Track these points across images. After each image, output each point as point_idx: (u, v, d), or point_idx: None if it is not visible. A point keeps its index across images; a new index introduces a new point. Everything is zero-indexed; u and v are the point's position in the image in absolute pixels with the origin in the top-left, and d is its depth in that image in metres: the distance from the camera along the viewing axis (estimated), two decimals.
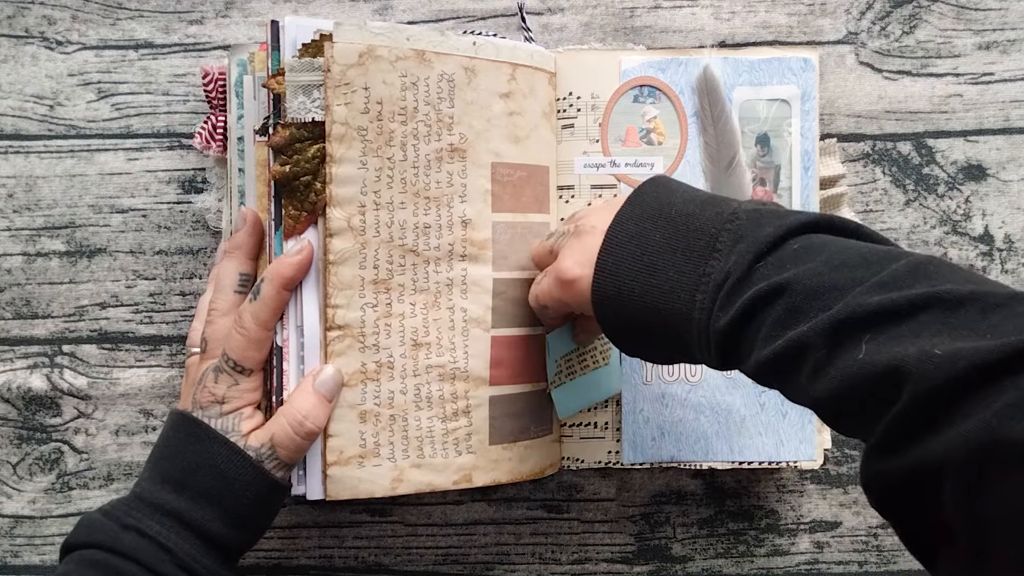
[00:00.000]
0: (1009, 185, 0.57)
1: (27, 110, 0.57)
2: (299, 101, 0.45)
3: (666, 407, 0.54)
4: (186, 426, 0.44)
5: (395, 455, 0.48)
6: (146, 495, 0.43)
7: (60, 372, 0.57)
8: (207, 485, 0.43)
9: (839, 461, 0.57)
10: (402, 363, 0.48)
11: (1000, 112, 0.56)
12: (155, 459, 0.45)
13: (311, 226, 0.46)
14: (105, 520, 0.42)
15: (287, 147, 0.45)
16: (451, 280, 0.48)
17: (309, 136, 0.46)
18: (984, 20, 0.56)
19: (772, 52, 0.54)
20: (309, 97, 0.45)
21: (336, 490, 0.46)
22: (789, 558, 0.57)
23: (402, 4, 0.57)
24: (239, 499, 0.43)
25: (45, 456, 0.57)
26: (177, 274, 0.57)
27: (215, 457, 0.43)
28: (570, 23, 0.57)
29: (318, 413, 0.44)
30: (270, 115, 0.46)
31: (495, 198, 0.49)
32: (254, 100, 0.49)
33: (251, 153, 0.49)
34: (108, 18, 0.57)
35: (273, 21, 0.46)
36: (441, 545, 0.58)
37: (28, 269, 0.57)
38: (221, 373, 0.45)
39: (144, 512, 0.42)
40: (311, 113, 0.45)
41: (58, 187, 0.57)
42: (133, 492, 0.44)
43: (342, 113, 0.45)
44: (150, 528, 0.42)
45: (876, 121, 0.57)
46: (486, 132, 0.49)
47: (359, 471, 0.47)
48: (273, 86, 0.46)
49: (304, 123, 0.45)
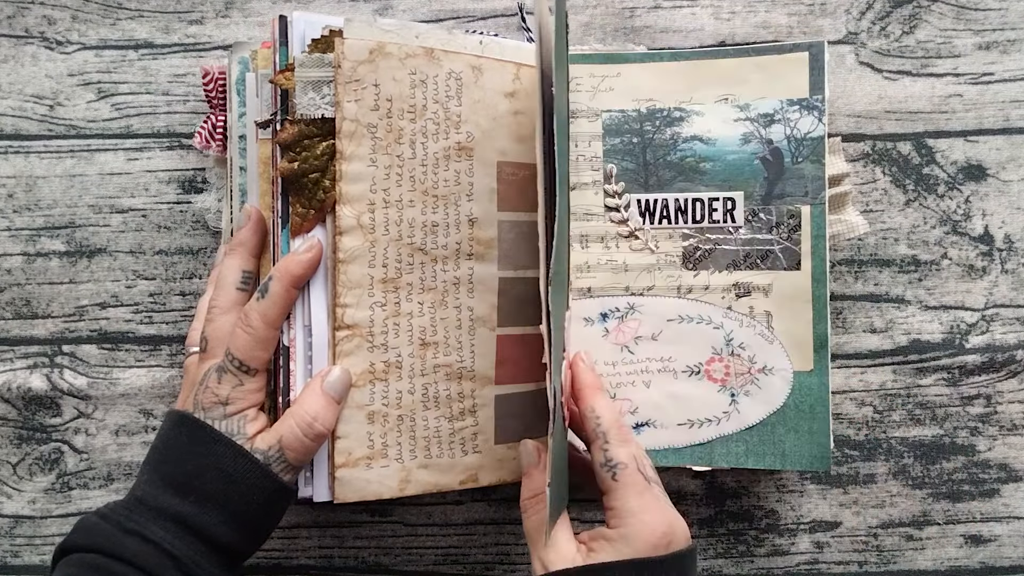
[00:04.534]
0: (1009, 185, 0.57)
1: (27, 110, 0.57)
2: (308, 97, 0.45)
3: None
4: (188, 428, 0.43)
5: (403, 456, 0.48)
6: (148, 499, 0.42)
7: (60, 372, 0.57)
8: (213, 488, 0.41)
9: (839, 461, 0.57)
10: (410, 363, 0.47)
11: (1000, 112, 0.57)
12: (155, 462, 0.43)
13: (318, 224, 0.46)
14: (104, 524, 0.41)
15: (295, 144, 0.45)
16: (458, 279, 0.48)
17: (318, 133, 0.45)
18: (984, 20, 0.56)
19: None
20: (319, 93, 0.45)
21: (344, 492, 0.46)
22: (789, 558, 0.57)
23: (402, 4, 0.57)
24: (246, 503, 0.42)
25: (45, 456, 0.57)
26: (177, 274, 0.57)
27: (221, 460, 0.42)
28: (570, 23, 0.57)
29: (327, 415, 0.44)
30: (277, 111, 0.46)
31: (500, 197, 0.49)
32: (256, 97, 0.48)
33: (253, 151, 0.48)
34: (108, 18, 0.57)
35: (281, 16, 0.46)
36: (441, 545, 0.58)
37: (28, 269, 0.57)
38: (225, 373, 0.43)
39: (146, 516, 0.41)
40: (320, 109, 0.45)
41: (58, 187, 0.57)
42: (132, 496, 0.42)
43: (352, 110, 0.45)
44: (153, 533, 0.40)
45: (876, 121, 0.57)
46: (492, 131, 0.49)
47: (367, 472, 0.47)
48: (281, 82, 0.45)
49: (313, 119, 0.45)
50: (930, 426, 0.57)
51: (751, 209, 0.52)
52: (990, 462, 0.57)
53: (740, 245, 0.52)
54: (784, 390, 0.52)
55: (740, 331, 0.52)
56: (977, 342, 0.57)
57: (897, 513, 0.57)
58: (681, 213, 0.53)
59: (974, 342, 0.57)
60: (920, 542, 0.57)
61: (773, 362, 0.52)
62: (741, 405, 0.52)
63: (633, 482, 0.42)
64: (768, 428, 0.52)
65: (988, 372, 0.57)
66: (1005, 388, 0.57)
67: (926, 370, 0.57)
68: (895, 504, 0.57)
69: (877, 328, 0.57)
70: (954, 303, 0.57)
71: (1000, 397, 0.57)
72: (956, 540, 0.57)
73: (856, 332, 0.57)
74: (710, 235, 0.53)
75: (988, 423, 0.57)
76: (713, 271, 0.53)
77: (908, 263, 0.57)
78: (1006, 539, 0.57)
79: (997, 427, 0.57)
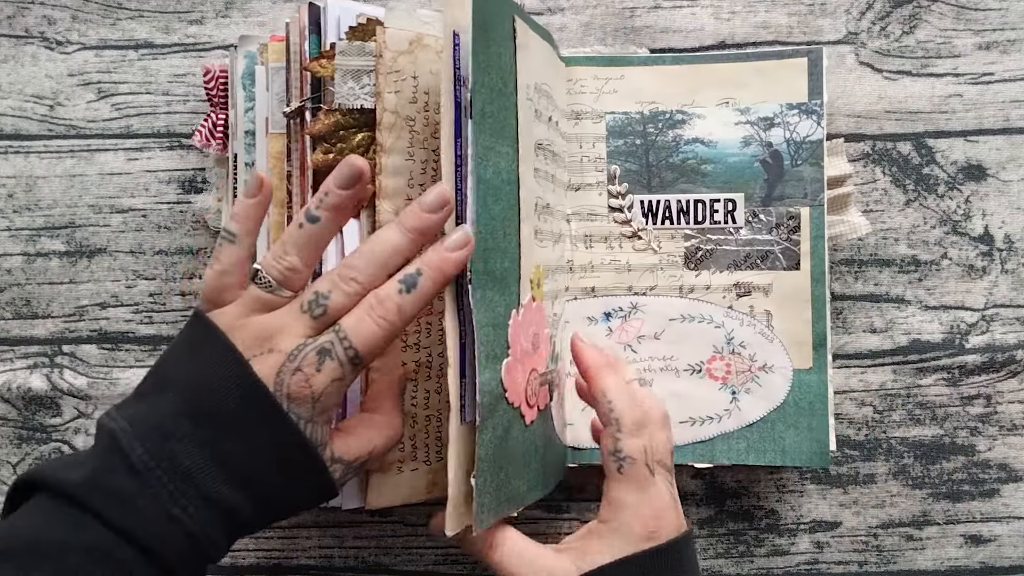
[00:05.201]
0: (1009, 185, 0.57)
1: (27, 110, 0.57)
2: (348, 86, 0.43)
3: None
4: (267, 413, 0.36)
5: (430, 457, 0.47)
6: (199, 478, 0.35)
7: (60, 372, 0.57)
8: (277, 498, 0.37)
9: (839, 461, 0.57)
10: (439, 362, 0.47)
11: (1000, 112, 0.57)
12: (208, 425, 0.36)
13: (352, 218, 0.43)
14: (141, 491, 0.34)
15: (331, 135, 0.44)
16: None
17: (355, 124, 0.44)
18: (984, 20, 0.56)
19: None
20: (358, 83, 0.43)
21: (377, 498, 0.45)
22: (789, 558, 0.58)
23: (402, 4, 0.57)
24: (296, 510, 0.39)
25: (45, 456, 0.57)
26: (177, 274, 0.57)
27: (298, 475, 0.37)
28: (570, 23, 0.57)
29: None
30: (306, 100, 0.44)
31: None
32: (267, 91, 0.47)
33: (263, 146, 0.47)
34: (108, 18, 0.57)
35: (311, 3, 0.44)
36: (441, 545, 0.58)
37: (28, 269, 0.57)
38: (331, 360, 0.37)
39: (196, 504, 0.35)
40: (359, 100, 0.43)
41: (58, 187, 0.57)
42: (168, 451, 0.35)
43: (392, 101, 0.44)
44: (200, 529, 0.35)
45: (876, 121, 0.57)
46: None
47: (398, 477, 0.46)
48: (316, 69, 0.44)
49: (351, 110, 0.44)
50: (930, 426, 0.57)
51: (751, 210, 0.52)
52: (990, 462, 0.57)
53: (741, 246, 0.53)
54: (784, 387, 0.52)
55: (741, 330, 0.53)
56: (977, 342, 0.57)
57: (897, 513, 0.57)
58: (683, 214, 0.53)
59: (974, 342, 0.57)
60: (920, 542, 0.57)
61: (773, 360, 0.52)
62: (742, 403, 0.53)
63: (637, 476, 0.42)
64: (768, 425, 0.52)
65: (988, 372, 0.57)
66: (1005, 388, 0.57)
67: (926, 370, 0.57)
68: (895, 504, 0.57)
69: (877, 328, 0.57)
70: (954, 303, 0.57)
71: (1000, 397, 0.57)
72: (956, 540, 0.57)
73: (856, 332, 0.57)
74: (711, 236, 0.53)
75: (988, 423, 0.57)
76: (714, 271, 0.53)
77: (908, 263, 0.57)
78: (1006, 539, 0.57)
79: (997, 427, 0.57)
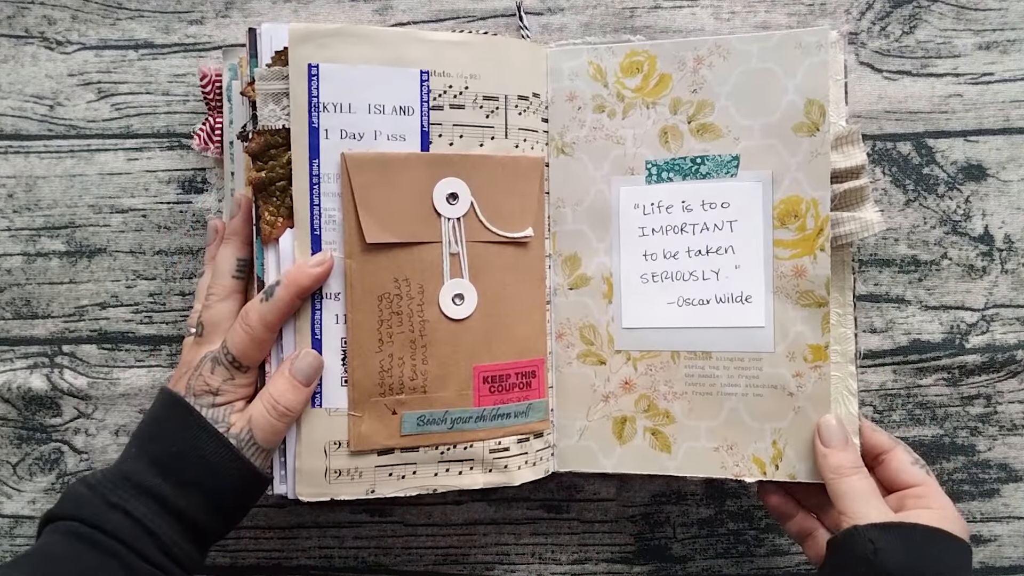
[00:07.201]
0: (1009, 185, 0.57)
1: (27, 110, 0.57)
2: (269, 109, 0.46)
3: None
4: (178, 411, 0.45)
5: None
6: (132, 475, 0.43)
7: (60, 372, 0.57)
8: (193, 474, 0.44)
9: None
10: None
11: (1000, 112, 0.57)
12: (143, 438, 0.45)
13: (287, 230, 0.46)
14: (91, 495, 0.43)
15: (262, 153, 0.46)
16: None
17: (283, 142, 0.46)
18: (984, 20, 0.56)
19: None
20: (279, 105, 0.46)
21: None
22: (789, 558, 0.57)
23: (402, 4, 0.57)
24: (222, 489, 0.44)
25: (45, 456, 0.57)
26: (177, 274, 0.57)
27: (204, 447, 0.44)
28: (570, 23, 0.57)
29: (293, 397, 0.45)
30: (247, 122, 0.47)
31: None
32: (242, 106, 0.49)
33: (239, 156, 0.49)
34: (108, 18, 0.57)
35: (251, 29, 0.46)
36: (441, 545, 0.58)
37: (28, 269, 0.57)
38: (219, 365, 0.45)
39: (130, 492, 0.43)
40: (281, 120, 0.46)
41: (58, 187, 0.57)
42: (118, 468, 0.44)
43: None
44: (136, 509, 0.42)
45: (876, 121, 0.57)
46: None
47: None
48: (249, 93, 0.46)
49: (276, 130, 0.46)
50: (930, 426, 0.57)
51: None
52: (990, 462, 0.57)
53: None
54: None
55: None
56: (977, 342, 0.57)
57: None
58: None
59: (974, 342, 0.57)
60: None
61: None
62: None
63: (935, 480, 0.47)
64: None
65: (988, 372, 0.57)
66: (1005, 388, 0.57)
67: (926, 370, 0.57)
68: None
69: (877, 328, 0.57)
70: (954, 303, 0.57)
71: (1000, 397, 0.57)
72: None
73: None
74: None
75: (988, 423, 0.57)
76: None
77: (908, 263, 0.57)
78: (1006, 539, 0.57)
79: (997, 427, 0.57)
